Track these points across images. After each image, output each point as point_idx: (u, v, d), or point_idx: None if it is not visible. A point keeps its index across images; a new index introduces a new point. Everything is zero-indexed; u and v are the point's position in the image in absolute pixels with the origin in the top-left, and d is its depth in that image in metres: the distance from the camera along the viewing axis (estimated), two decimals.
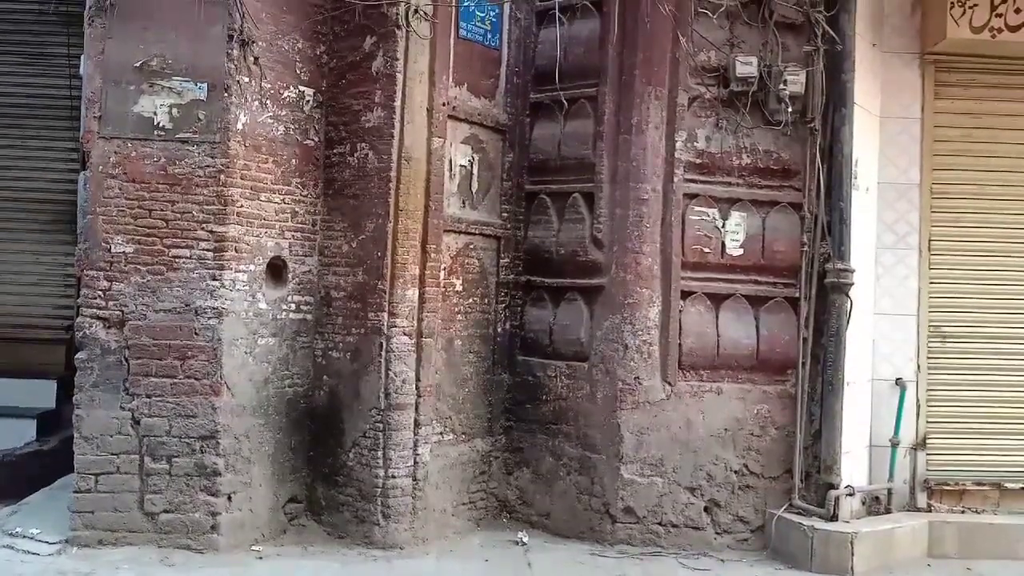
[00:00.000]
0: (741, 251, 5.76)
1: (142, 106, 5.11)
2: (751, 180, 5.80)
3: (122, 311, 5.05)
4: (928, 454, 6.04)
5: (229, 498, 5.14)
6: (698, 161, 5.75)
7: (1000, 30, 5.84)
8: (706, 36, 5.67)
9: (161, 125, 5.11)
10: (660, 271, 5.69)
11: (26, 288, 7.34)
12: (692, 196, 5.75)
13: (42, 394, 7.10)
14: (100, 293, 5.06)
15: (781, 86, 5.63)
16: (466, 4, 5.75)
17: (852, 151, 5.65)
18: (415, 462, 5.47)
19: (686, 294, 5.72)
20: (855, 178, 5.71)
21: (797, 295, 5.72)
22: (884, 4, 6.06)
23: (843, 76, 5.64)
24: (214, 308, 5.09)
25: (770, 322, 5.75)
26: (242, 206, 5.20)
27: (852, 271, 5.58)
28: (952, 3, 5.81)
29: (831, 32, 5.63)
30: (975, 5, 5.81)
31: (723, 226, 5.76)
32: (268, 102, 5.34)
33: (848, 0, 5.64)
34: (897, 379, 6.00)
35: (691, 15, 5.64)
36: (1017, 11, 5.83)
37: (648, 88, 5.69)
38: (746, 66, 5.64)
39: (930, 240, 6.10)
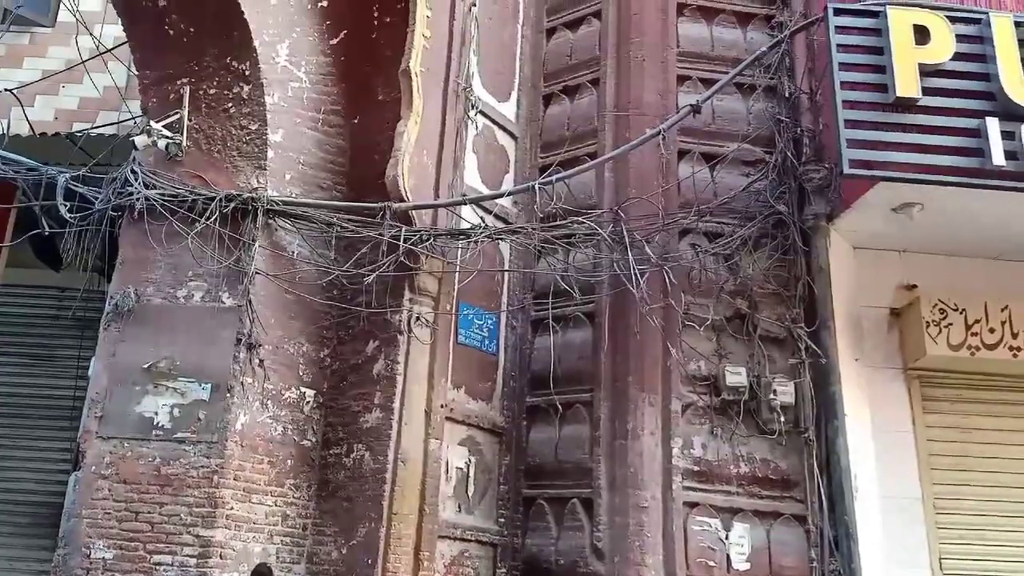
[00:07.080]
0: (748, 565, 5.50)
1: (144, 406, 5.17)
2: (751, 490, 5.69)
3: None
4: None
5: None
6: (696, 468, 5.69)
7: (978, 348, 5.96)
8: (695, 347, 5.87)
9: (160, 425, 5.13)
10: None
11: None
12: (693, 505, 5.61)
13: None
14: None
15: (771, 396, 5.72)
16: (465, 313, 6.06)
17: (849, 463, 5.56)
18: None
19: None
20: (856, 491, 5.58)
21: None
22: (862, 322, 6.29)
23: (830, 388, 5.70)
24: None
25: None
26: (232, 508, 5.06)
27: None
28: (928, 322, 5.96)
29: (814, 347, 5.79)
30: (950, 324, 5.96)
31: (727, 538, 5.56)
32: (269, 402, 5.41)
33: (827, 318, 5.82)
34: None
35: (679, 327, 5.86)
36: (991, 330, 6.01)
37: (642, 395, 5.78)
38: (736, 376, 5.78)
39: (941, 559, 5.84)
